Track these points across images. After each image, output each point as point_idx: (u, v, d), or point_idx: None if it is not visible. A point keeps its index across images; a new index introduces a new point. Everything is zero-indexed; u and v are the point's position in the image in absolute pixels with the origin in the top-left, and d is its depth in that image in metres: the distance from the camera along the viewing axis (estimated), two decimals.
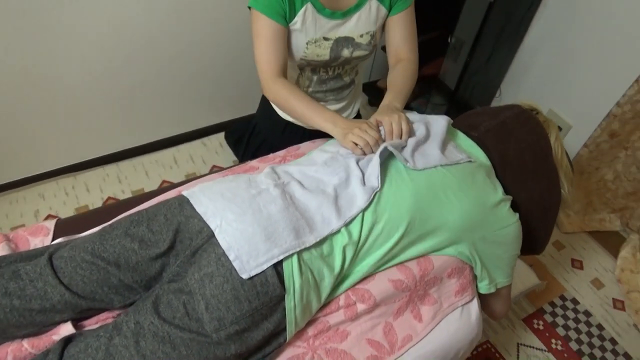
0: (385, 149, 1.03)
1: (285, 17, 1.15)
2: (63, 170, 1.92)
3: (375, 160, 1.01)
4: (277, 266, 0.88)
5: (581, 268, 1.97)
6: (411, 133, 1.10)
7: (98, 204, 1.86)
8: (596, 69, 1.91)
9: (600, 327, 1.77)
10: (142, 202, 1.17)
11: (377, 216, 0.97)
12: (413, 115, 1.20)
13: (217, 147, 2.16)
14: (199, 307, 0.84)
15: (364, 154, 1.06)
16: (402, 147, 1.06)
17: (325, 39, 1.21)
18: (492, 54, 2.19)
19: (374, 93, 2.70)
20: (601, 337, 1.73)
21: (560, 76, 2.09)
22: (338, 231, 0.95)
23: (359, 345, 0.98)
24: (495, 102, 2.45)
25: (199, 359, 0.83)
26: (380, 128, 1.11)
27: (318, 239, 0.92)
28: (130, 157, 2.04)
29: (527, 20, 2.11)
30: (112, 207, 1.20)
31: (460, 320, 1.08)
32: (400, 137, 1.08)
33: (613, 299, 1.87)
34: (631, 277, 1.95)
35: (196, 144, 2.16)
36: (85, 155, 1.94)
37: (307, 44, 1.21)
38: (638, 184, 2.00)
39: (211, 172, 2.02)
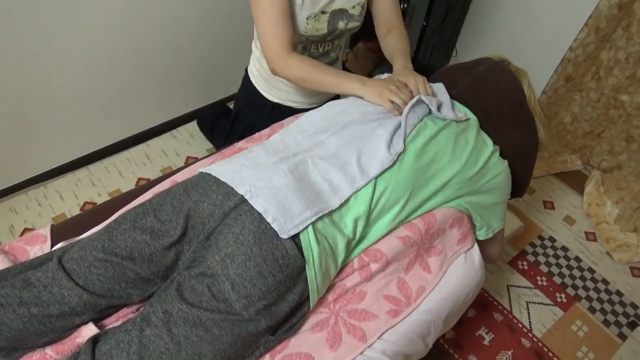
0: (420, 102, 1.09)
1: None
2: (31, 181, 1.83)
3: (402, 123, 1.05)
4: (294, 238, 0.89)
5: (553, 208, 2.09)
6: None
7: (75, 210, 1.79)
8: (547, 16, 1.99)
9: (577, 259, 1.89)
10: (134, 198, 1.15)
11: (386, 181, 1.00)
12: None
13: (187, 138, 2.12)
14: (225, 288, 0.84)
15: (399, 113, 1.09)
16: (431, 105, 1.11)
17: (323, 12, 1.25)
18: (446, 15, 2.24)
19: None
20: (580, 268, 1.86)
21: (513, 28, 2.17)
22: (348, 199, 0.97)
23: (377, 302, 1.02)
24: (453, 62, 2.52)
25: (232, 337, 0.84)
26: None
27: (343, 200, 0.95)
28: (100, 159, 1.97)
29: None
30: (106, 206, 1.17)
31: (465, 266, 1.13)
32: None
33: (585, 232, 2.01)
34: (598, 210, 2.09)
35: (166, 137, 2.11)
36: (53, 163, 1.86)
37: (307, 18, 1.23)
38: (594, 122, 2.13)
39: (187, 163, 2.00)
